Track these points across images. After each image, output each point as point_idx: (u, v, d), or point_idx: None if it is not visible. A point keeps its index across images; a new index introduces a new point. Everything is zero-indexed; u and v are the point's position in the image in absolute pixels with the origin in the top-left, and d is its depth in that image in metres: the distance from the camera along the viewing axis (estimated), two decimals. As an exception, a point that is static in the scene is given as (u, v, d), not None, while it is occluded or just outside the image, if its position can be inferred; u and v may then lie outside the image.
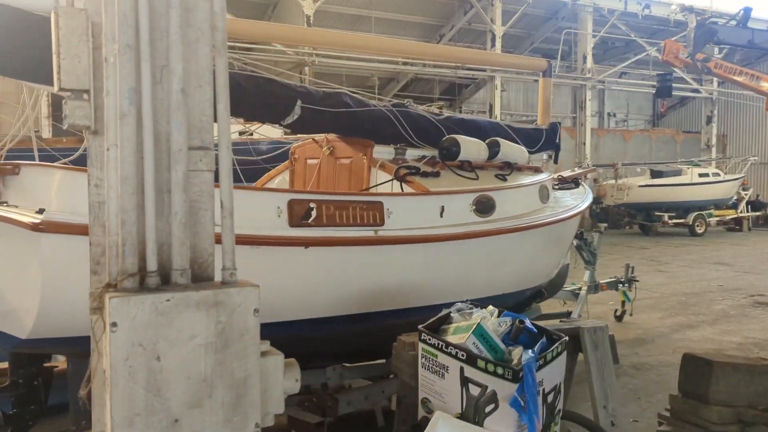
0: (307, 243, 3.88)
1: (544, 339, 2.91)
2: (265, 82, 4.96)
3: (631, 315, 9.46)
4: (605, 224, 27.16)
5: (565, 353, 3.02)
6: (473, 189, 5.33)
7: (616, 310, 9.60)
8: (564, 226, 6.31)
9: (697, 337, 8.57)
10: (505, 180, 5.90)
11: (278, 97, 4.97)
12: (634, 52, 29.47)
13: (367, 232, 4.21)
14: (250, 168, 5.80)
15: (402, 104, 6.18)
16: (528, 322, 2.94)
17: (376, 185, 5.24)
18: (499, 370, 2.67)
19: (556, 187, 7.62)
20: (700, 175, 22.77)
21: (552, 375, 2.87)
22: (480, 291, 5.17)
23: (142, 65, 1.67)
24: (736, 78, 16.91)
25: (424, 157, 5.67)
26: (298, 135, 6.37)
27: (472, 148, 5.87)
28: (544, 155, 7.93)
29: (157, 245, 1.67)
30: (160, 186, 1.66)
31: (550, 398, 2.87)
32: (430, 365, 2.90)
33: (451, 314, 3.02)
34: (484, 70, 24.34)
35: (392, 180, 5.15)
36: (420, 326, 2.99)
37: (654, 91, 23.08)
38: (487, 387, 2.68)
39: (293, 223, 3.98)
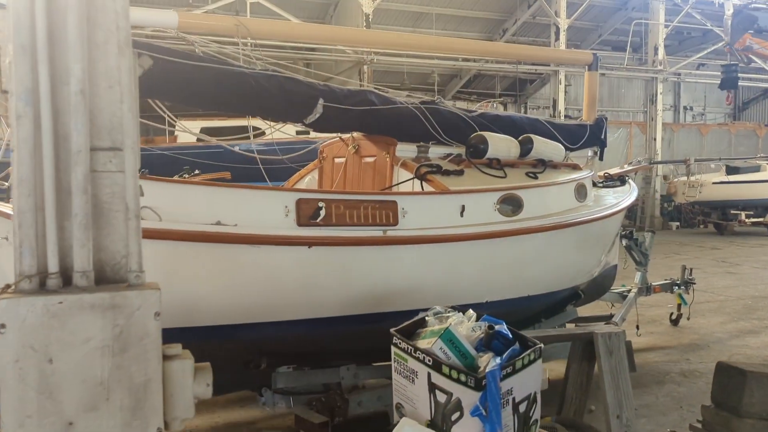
0: (310, 242, 3.88)
1: (516, 345, 2.78)
2: (287, 82, 4.99)
3: (688, 319, 9.01)
4: (677, 223, 26.10)
5: (539, 361, 2.88)
6: (499, 188, 5.20)
7: (671, 314, 9.16)
8: (601, 225, 6.06)
9: (757, 344, 8.06)
10: (536, 178, 5.72)
11: (300, 96, 4.99)
12: (712, 42, 27.99)
13: (375, 232, 4.17)
14: (276, 168, 5.86)
15: (432, 101, 6.10)
16: (503, 328, 2.81)
17: (397, 184, 5.19)
18: (462, 378, 2.58)
19: (600, 184, 7.35)
20: (782, 171, 21.41)
21: (524, 383, 2.74)
22: (503, 292, 5.04)
23: (40, 66, 1.68)
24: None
25: (450, 155, 5.57)
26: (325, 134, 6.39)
27: (501, 145, 5.73)
28: (590, 152, 7.64)
29: (58, 247, 1.69)
30: (67, 187, 1.67)
31: (522, 408, 2.73)
32: (402, 370, 2.83)
33: (426, 318, 2.94)
34: (548, 65, 23.70)
35: (413, 179, 5.09)
36: (392, 329, 2.92)
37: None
38: (452, 394, 2.59)
39: (301, 222, 3.99)
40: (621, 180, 7.51)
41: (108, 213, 1.75)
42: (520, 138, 6.09)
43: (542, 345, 2.89)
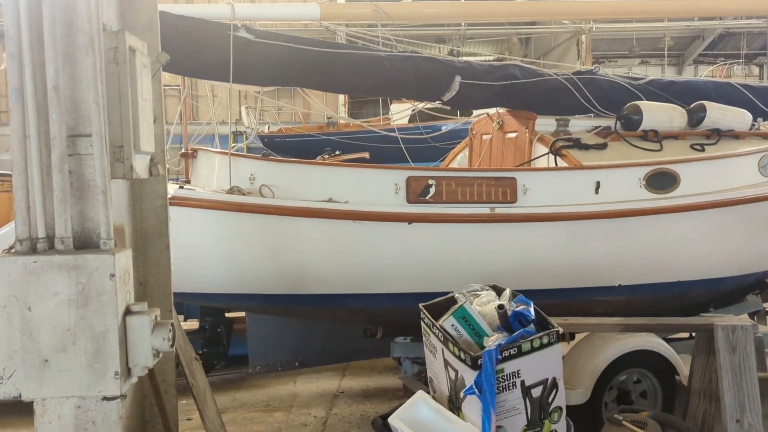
0: (411, 219, 4.01)
1: (531, 327, 2.58)
2: (423, 62, 5.13)
3: None
4: None
5: (557, 346, 2.63)
6: (645, 162, 4.76)
7: None
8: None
9: None
10: (702, 150, 5.10)
11: (435, 75, 5.09)
12: None
13: (482, 210, 4.15)
14: (423, 148, 6.04)
15: (589, 71, 5.75)
16: (526, 309, 2.63)
17: (531, 159, 5.03)
18: (462, 356, 2.50)
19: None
20: None
21: (537, 367, 2.53)
22: (643, 276, 4.65)
23: (25, 69, 2.06)
24: None
25: (598, 127, 5.22)
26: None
27: (660, 114, 5.21)
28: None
29: (44, 217, 2.10)
30: (49, 168, 2.06)
31: (536, 392, 2.54)
32: (428, 344, 2.83)
33: (456, 295, 2.87)
34: (809, 16, 20.14)
35: (547, 153, 4.90)
36: (421, 304, 2.92)
37: None
38: (458, 371, 2.53)
39: (411, 199, 4.14)
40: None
41: (91, 189, 2.14)
42: (692, 106, 5.47)
43: (560, 330, 2.66)
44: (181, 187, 4.22)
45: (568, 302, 4.53)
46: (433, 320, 2.75)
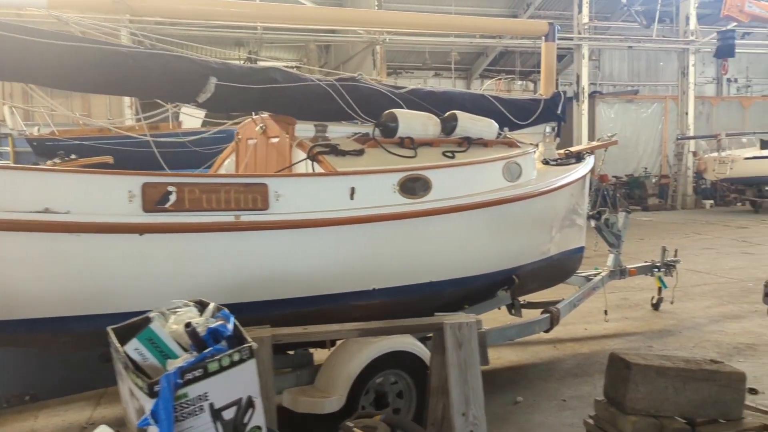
0: (142, 230, 3.70)
1: (223, 344, 2.51)
2: (173, 60, 4.81)
3: (672, 303, 8.49)
4: (711, 201, 24.86)
5: (251, 362, 2.58)
6: (399, 168, 4.90)
7: (652, 298, 8.66)
8: (532, 204, 5.68)
9: (734, 329, 7.51)
10: (452, 157, 5.39)
11: (188, 74, 4.80)
12: (753, 9, 26.33)
13: (226, 217, 3.96)
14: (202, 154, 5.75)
15: (351, 78, 5.82)
16: (225, 324, 2.54)
17: (291, 165, 4.96)
18: (140, 383, 2.33)
19: (554, 163, 6.94)
20: (822, 144, 20.05)
21: (227, 387, 2.44)
22: (396, 279, 4.77)
23: None
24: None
25: (357, 133, 5.30)
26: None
27: (415, 122, 5.42)
28: (547, 128, 7.21)
29: None
30: None
31: (228, 414, 2.46)
32: (117, 371, 2.61)
33: (150, 314, 2.69)
34: (571, 39, 22.80)
35: (305, 159, 4.85)
36: (110, 327, 2.70)
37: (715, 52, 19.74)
38: (139, 400, 2.36)
39: (147, 208, 3.81)
40: (578, 157, 7.06)
41: None
42: (445, 115, 5.77)
43: (254, 345, 2.60)
44: None
45: (327, 309, 4.50)
46: (118, 344, 2.48)
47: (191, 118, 12.82)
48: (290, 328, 3.79)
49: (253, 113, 5.59)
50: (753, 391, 5.23)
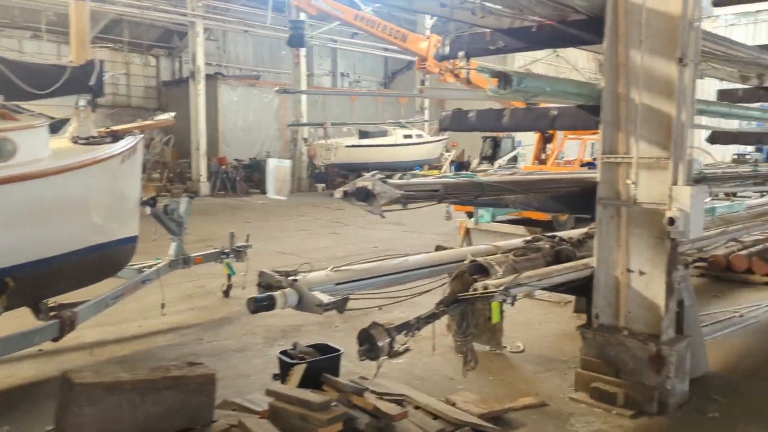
0: None
1: None
2: None
3: (244, 288, 8.36)
4: (323, 185, 26.64)
5: None
6: None
7: (222, 285, 8.46)
8: (25, 189, 4.73)
9: (288, 312, 7.60)
10: None
11: None
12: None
13: None
14: None
15: None
16: None
17: None
18: None
19: (82, 142, 6.04)
20: (405, 136, 23.10)
21: None
22: None
23: None
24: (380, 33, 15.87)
25: None
26: None
27: None
28: (81, 100, 6.28)
29: None
30: None
31: None
32: None
33: None
34: (185, 15, 22.00)
35: None
36: None
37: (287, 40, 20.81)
38: None
39: None
40: (115, 137, 6.29)
41: None
42: None
43: None
44: None
45: None
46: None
47: None
48: None
49: None
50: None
